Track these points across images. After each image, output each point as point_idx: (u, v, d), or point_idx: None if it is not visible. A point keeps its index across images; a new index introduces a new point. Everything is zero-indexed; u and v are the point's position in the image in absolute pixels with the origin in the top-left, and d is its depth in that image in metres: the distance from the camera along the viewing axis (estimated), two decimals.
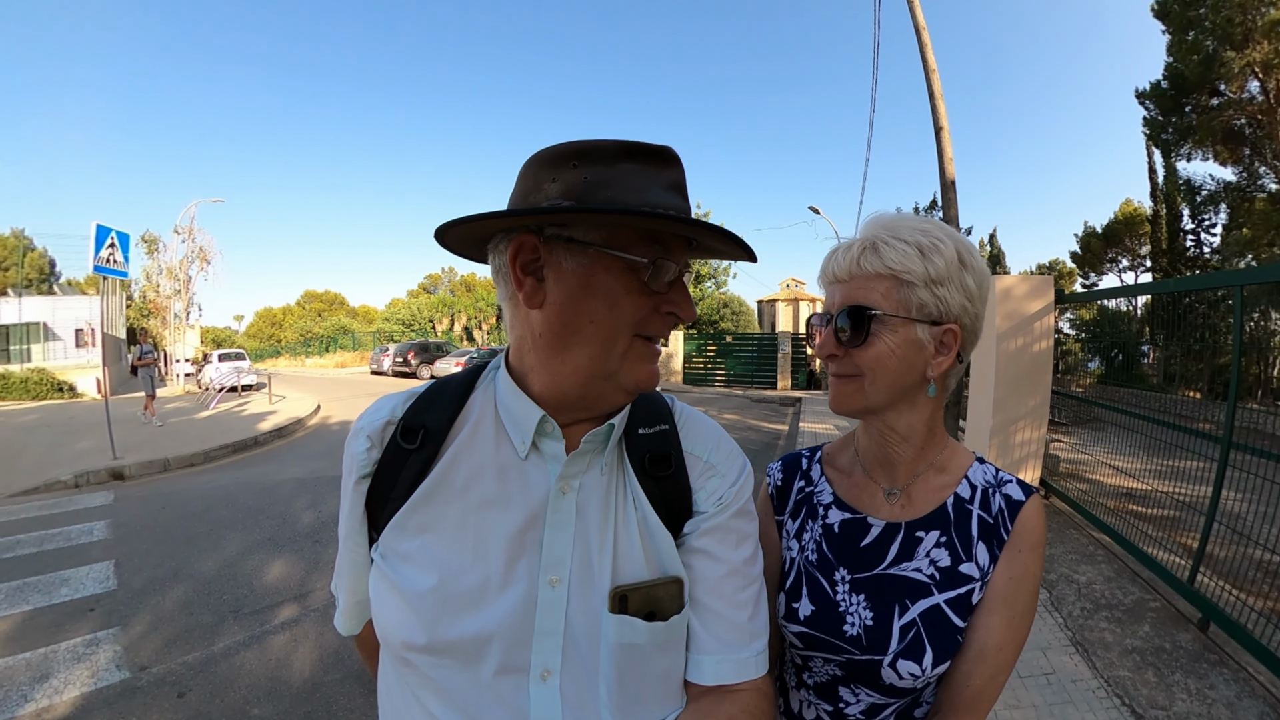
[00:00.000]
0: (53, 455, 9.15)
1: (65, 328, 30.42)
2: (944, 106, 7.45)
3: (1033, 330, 5.96)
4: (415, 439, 0.79)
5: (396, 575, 0.76)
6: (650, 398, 0.90)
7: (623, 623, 0.74)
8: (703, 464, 0.86)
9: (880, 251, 0.88)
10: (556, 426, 0.78)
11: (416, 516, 0.77)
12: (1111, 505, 5.06)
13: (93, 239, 8.76)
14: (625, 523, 0.80)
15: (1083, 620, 3.69)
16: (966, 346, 0.93)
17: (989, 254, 26.69)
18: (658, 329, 0.76)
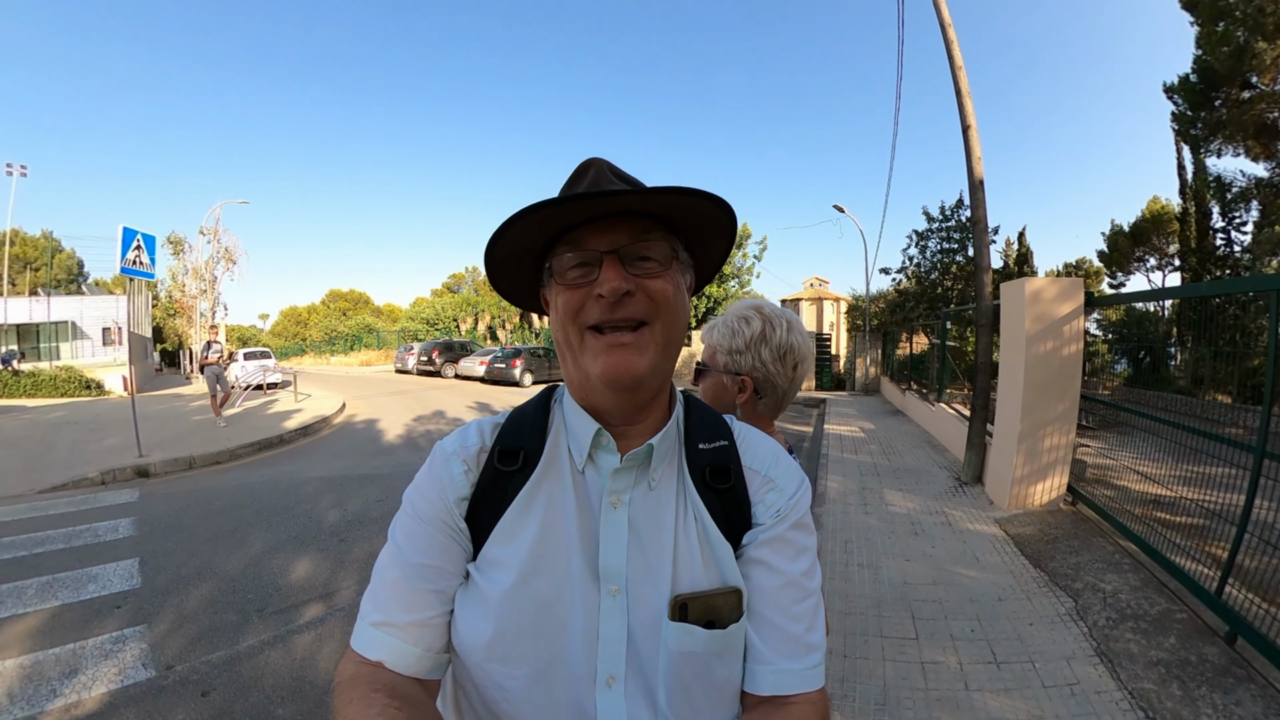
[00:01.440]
0: (80, 452, 9.25)
1: (93, 327, 31.07)
2: (971, 104, 7.31)
3: (1062, 334, 5.87)
4: (516, 461, 0.85)
5: (485, 580, 0.80)
6: (710, 417, 0.94)
7: (683, 630, 0.76)
8: (761, 478, 0.89)
9: (712, 331, 1.55)
10: (611, 439, 0.84)
11: (507, 526, 0.82)
12: (1138, 512, 4.94)
13: (119, 241, 8.85)
14: (685, 534, 0.82)
15: (1108, 630, 3.61)
16: (764, 390, 1.48)
17: (1017, 252, 26.19)
18: (595, 315, 0.78)
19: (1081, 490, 5.87)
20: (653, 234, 0.81)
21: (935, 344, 11.91)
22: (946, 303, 18.70)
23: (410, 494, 0.89)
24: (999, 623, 3.78)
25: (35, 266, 43.23)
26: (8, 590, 4.37)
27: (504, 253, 0.84)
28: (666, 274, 0.81)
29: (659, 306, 0.80)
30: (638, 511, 0.82)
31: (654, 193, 0.76)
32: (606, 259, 0.78)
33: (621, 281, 0.77)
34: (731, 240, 0.90)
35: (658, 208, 0.80)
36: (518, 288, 0.93)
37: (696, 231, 0.87)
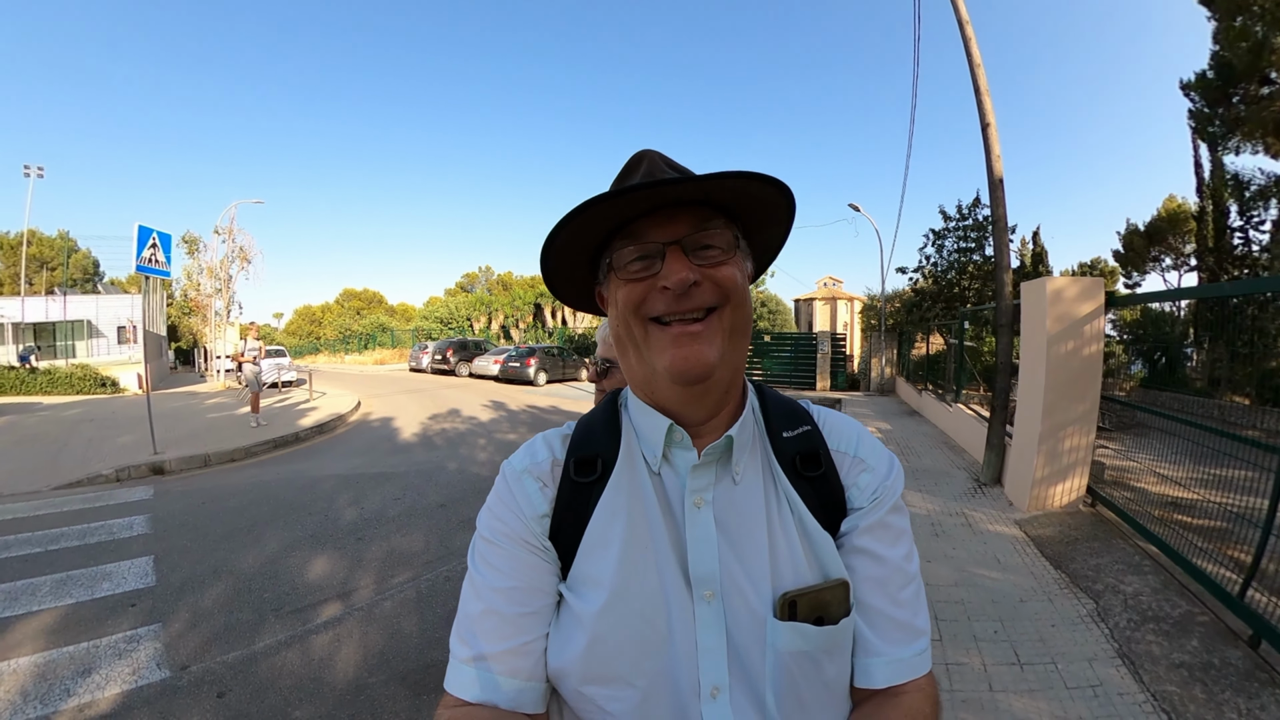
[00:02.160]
0: (95, 449, 9.30)
1: (108, 325, 31.48)
2: (990, 102, 7.23)
3: (1083, 334, 5.80)
4: (593, 470, 0.82)
5: (578, 599, 0.76)
6: (787, 403, 0.91)
7: (793, 630, 0.72)
8: (850, 459, 0.85)
9: None
10: (685, 434, 0.80)
11: (593, 540, 0.78)
12: (1157, 514, 4.89)
13: (135, 240, 8.90)
14: (782, 528, 0.78)
15: (1129, 632, 3.58)
16: None
17: (1032, 252, 25.94)
18: (660, 307, 0.75)
19: (1101, 492, 5.80)
20: (714, 222, 0.77)
21: (953, 344, 11.80)
22: (964, 302, 18.53)
23: (483, 520, 0.85)
24: (1021, 624, 3.76)
25: (52, 266, 43.63)
26: (22, 587, 4.38)
27: (559, 253, 0.81)
28: (732, 261, 0.77)
29: (727, 293, 0.76)
30: (724, 509, 0.78)
31: (712, 179, 0.72)
32: (669, 250, 0.75)
33: (688, 272, 0.73)
34: (789, 224, 0.85)
35: (716, 195, 0.76)
36: (571, 287, 0.90)
37: (755, 217, 0.83)
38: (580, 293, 0.91)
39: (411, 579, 4.58)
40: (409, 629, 3.76)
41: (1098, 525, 5.35)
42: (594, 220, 0.75)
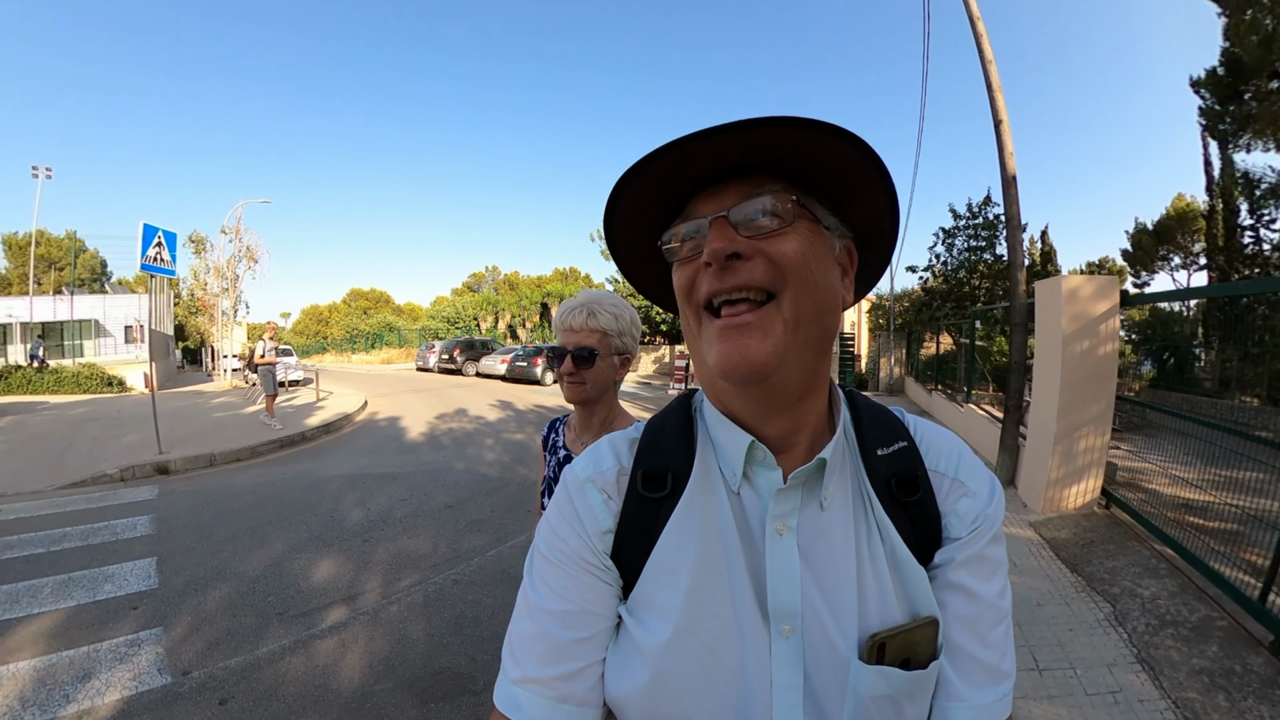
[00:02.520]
0: (100, 448, 9.27)
1: (115, 324, 31.71)
2: (1003, 99, 7.16)
3: (1098, 333, 5.72)
4: (664, 485, 0.75)
5: (640, 627, 0.70)
6: (881, 414, 0.80)
7: (879, 674, 0.65)
8: (949, 481, 0.75)
9: (598, 317, 1.67)
10: (768, 454, 0.70)
11: (661, 563, 0.72)
12: (1171, 516, 4.84)
13: (140, 238, 8.88)
14: (872, 560, 0.70)
15: (1148, 637, 3.53)
16: (629, 363, 1.77)
17: (1041, 251, 25.84)
18: (703, 288, 0.67)
19: (1115, 494, 5.73)
20: (768, 186, 0.65)
21: (963, 344, 11.72)
22: (974, 301, 18.45)
23: (542, 533, 0.79)
24: (1039, 628, 3.71)
25: (60, 266, 43.97)
26: (24, 589, 4.34)
27: (623, 248, 0.77)
28: (793, 232, 0.65)
29: (785, 272, 0.64)
30: (808, 537, 0.70)
31: (742, 129, 0.59)
32: (714, 223, 0.65)
33: (724, 242, 0.64)
34: (888, 192, 0.69)
35: (765, 155, 0.64)
36: (655, 287, 0.84)
37: (834, 184, 0.69)
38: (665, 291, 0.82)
39: (419, 582, 4.51)
40: (416, 634, 3.69)
41: (1113, 527, 5.29)
42: (637, 208, 0.70)
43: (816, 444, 0.73)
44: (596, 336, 1.66)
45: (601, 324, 1.66)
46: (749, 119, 0.58)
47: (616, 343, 1.68)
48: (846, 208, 0.71)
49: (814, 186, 0.69)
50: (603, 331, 1.66)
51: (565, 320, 1.68)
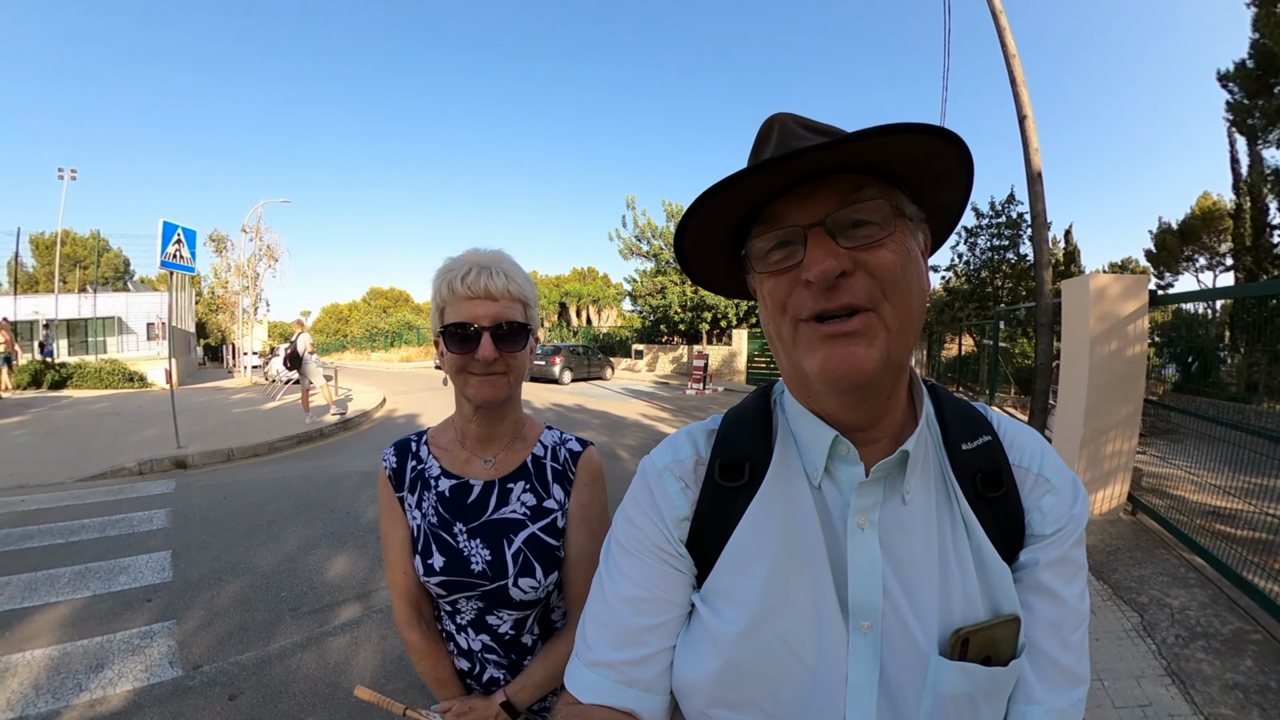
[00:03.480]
0: (120, 442, 9.34)
1: (138, 321, 32.19)
2: (1027, 94, 7.04)
3: (1126, 333, 5.56)
4: (741, 475, 0.75)
5: (714, 615, 0.71)
6: (964, 408, 0.80)
7: (960, 670, 0.64)
8: (1033, 478, 0.74)
9: (513, 279, 1.18)
10: (852, 449, 0.70)
11: (737, 553, 0.72)
12: (1199, 524, 4.71)
13: (159, 235, 8.92)
14: (957, 555, 0.69)
15: (1178, 649, 3.40)
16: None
17: (1064, 250, 25.50)
18: (809, 307, 0.64)
19: (1141, 500, 5.58)
20: (866, 190, 0.64)
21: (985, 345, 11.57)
22: (997, 302, 18.21)
23: (619, 521, 0.81)
24: None
25: (84, 265, 44.75)
26: (42, 578, 4.37)
27: (693, 246, 0.74)
28: (891, 240, 0.63)
29: (886, 286, 0.63)
30: (890, 531, 0.68)
31: (850, 141, 0.58)
32: (811, 234, 0.63)
33: (833, 260, 0.61)
34: (968, 182, 0.69)
35: (863, 158, 0.63)
36: (717, 280, 0.82)
37: (921, 178, 0.68)
38: (735, 284, 0.81)
39: None
40: None
41: (1140, 534, 5.14)
42: (717, 214, 0.67)
43: (899, 436, 0.73)
44: (519, 307, 1.20)
45: (522, 290, 1.20)
46: (863, 131, 0.57)
47: (532, 314, 1.24)
48: (927, 196, 0.71)
49: (902, 179, 0.68)
50: (523, 300, 1.21)
51: (475, 283, 1.16)
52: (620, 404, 16.18)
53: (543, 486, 1.27)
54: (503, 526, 1.23)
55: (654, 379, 26.33)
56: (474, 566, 1.21)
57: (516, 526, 1.23)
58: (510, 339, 1.17)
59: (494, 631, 1.25)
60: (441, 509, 1.26)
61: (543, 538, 1.23)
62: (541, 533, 1.23)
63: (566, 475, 1.29)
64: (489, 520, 1.24)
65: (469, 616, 1.26)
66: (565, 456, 1.31)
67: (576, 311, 43.76)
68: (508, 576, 1.20)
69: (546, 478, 1.28)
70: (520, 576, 1.20)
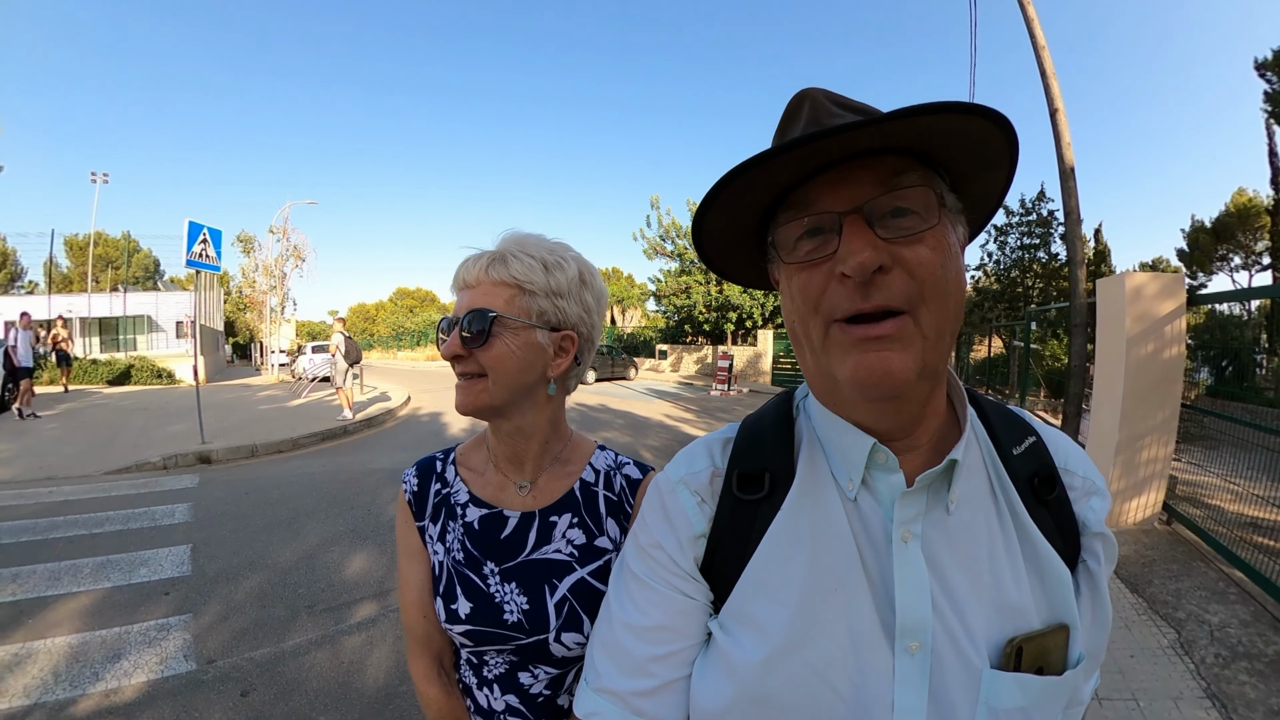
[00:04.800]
0: (146, 437, 9.48)
1: (167, 320, 32.97)
2: (1058, 86, 6.87)
3: (1163, 334, 5.37)
4: (761, 486, 0.70)
5: (732, 643, 0.65)
6: (1005, 411, 0.76)
7: (1016, 682, 0.60)
8: (1080, 480, 0.71)
9: (508, 263, 0.96)
10: (890, 456, 0.64)
11: (760, 574, 0.66)
12: (1237, 535, 4.53)
13: (185, 235, 9.05)
14: (1010, 563, 0.64)
15: (1218, 670, 3.23)
16: (584, 352, 1.05)
17: (1094, 250, 25.07)
18: (844, 305, 0.58)
19: (1178, 509, 5.40)
20: (907, 175, 0.58)
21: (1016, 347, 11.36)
22: (1027, 302, 17.92)
23: (629, 542, 0.77)
24: None
25: (116, 265, 45.71)
26: (66, 568, 4.43)
27: (712, 231, 0.69)
28: (932, 235, 0.58)
29: (925, 287, 0.57)
30: (934, 543, 0.63)
31: (895, 120, 0.53)
32: (847, 222, 0.57)
33: (872, 252, 0.56)
34: (1013, 167, 0.64)
35: (906, 140, 0.58)
36: (736, 267, 0.77)
37: (964, 165, 0.62)
38: (754, 271, 0.76)
39: None
40: None
41: (1175, 545, 4.96)
42: (740, 197, 0.62)
43: (940, 443, 0.68)
44: (504, 294, 0.97)
45: (515, 273, 0.97)
46: (904, 110, 0.52)
47: (543, 305, 0.98)
48: (968, 183, 0.66)
49: (943, 164, 0.63)
50: (515, 286, 0.97)
51: (461, 273, 1.02)
52: (644, 404, 16.13)
53: (594, 521, 1.05)
54: (544, 569, 1.02)
55: (678, 379, 26.26)
56: (508, 616, 1.00)
57: (561, 570, 1.02)
58: (475, 330, 0.95)
59: (524, 691, 1.04)
60: (469, 543, 1.05)
61: (593, 584, 1.01)
62: (592, 578, 1.01)
63: (623, 507, 1.06)
64: (527, 560, 1.03)
65: (497, 671, 1.05)
66: (622, 484, 1.08)
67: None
68: (549, 630, 0.98)
69: (599, 510, 1.06)
70: (564, 631, 0.98)
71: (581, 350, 1.05)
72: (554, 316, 0.99)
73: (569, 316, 1.01)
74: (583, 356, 1.06)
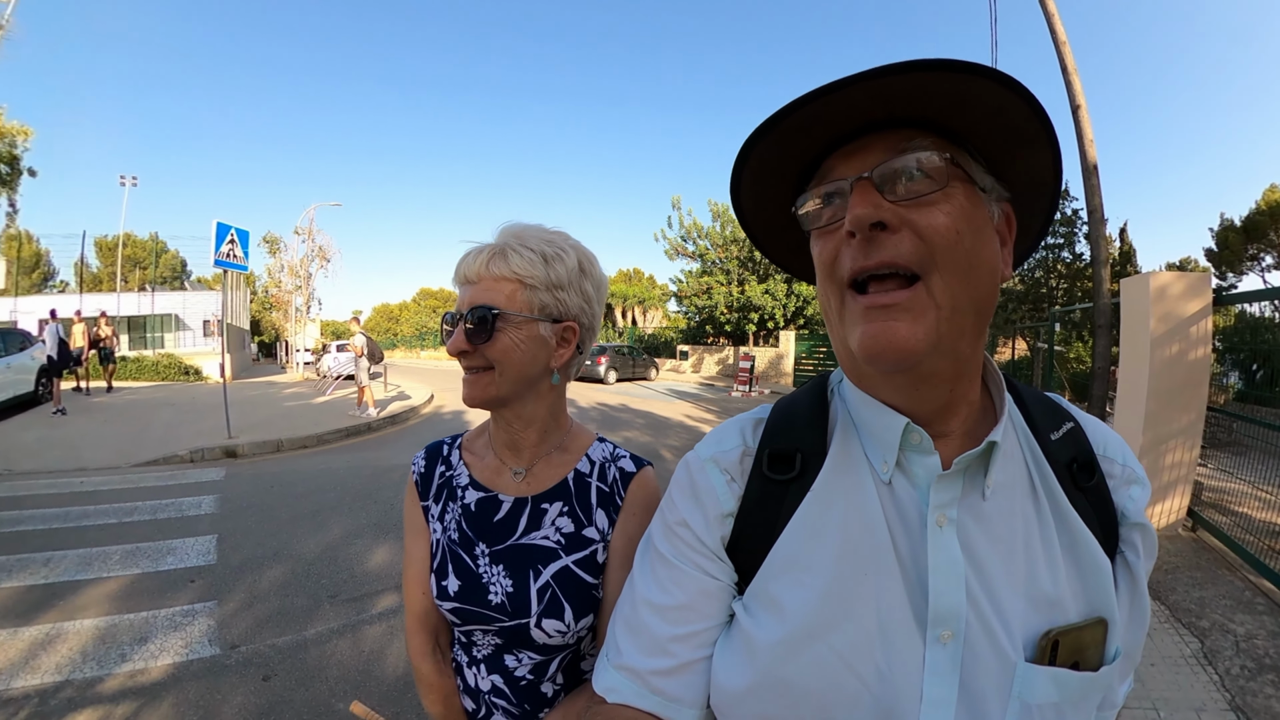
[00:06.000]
0: (174, 432, 9.65)
1: (194, 319, 33.58)
2: (1079, 82, 6.77)
3: (1189, 335, 5.26)
4: (792, 466, 0.68)
5: (755, 624, 0.64)
6: (1041, 396, 0.74)
7: (1051, 677, 0.58)
8: (1119, 468, 0.69)
9: (508, 257, 0.98)
10: (925, 437, 0.62)
11: (788, 555, 0.65)
12: (1266, 544, 4.43)
13: (213, 235, 9.19)
14: (1046, 551, 0.62)
15: (1244, 682, 3.15)
16: (585, 340, 1.08)
17: (1120, 250, 24.62)
18: (848, 263, 0.59)
19: (1203, 516, 5.28)
20: (917, 141, 0.58)
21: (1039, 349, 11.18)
22: (1051, 302, 17.64)
23: (656, 520, 0.76)
24: None
25: (144, 265, 46.59)
26: (96, 554, 4.58)
27: (754, 216, 0.71)
28: (945, 200, 0.57)
29: (935, 251, 0.56)
30: (969, 529, 0.62)
31: (882, 76, 0.53)
32: (856, 186, 0.57)
33: (869, 208, 0.56)
34: (1051, 145, 0.61)
35: (915, 107, 0.57)
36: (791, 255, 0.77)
37: (986, 135, 0.60)
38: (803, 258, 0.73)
39: None
40: None
41: (1200, 553, 4.88)
42: (768, 171, 0.64)
43: (975, 428, 0.66)
44: (505, 289, 0.99)
45: (515, 268, 0.99)
46: (891, 65, 0.52)
47: (544, 298, 1.01)
48: (1005, 165, 0.63)
49: (968, 141, 0.61)
50: (516, 281, 0.99)
51: (460, 269, 1.04)
52: (664, 404, 16.11)
53: (584, 511, 1.07)
54: (530, 554, 1.04)
55: (699, 380, 26.18)
56: (492, 597, 1.02)
57: (547, 556, 1.04)
58: (478, 327, 0.97)
59: (509, 674, 1.06)
60: (465, 524, 1.08)
61: (577, 573, 1.03)
62: (577, 567, 1.03)
63: (614, 499, 1.07)
64: (515, 545, 1.05)
65: (484, 652, 1.08)
66: (615, 476, 1.09)
67: (622, 312, 43.89)
68: (529, 615, 1.01)
69: (590, 500, 1.07)
70: (545, 617, 1.00)
71: (583, 339, 1.07)
72: (555, 309, 1.01)
73: (570, 308, 1.03)
74: (584, 346, 1.08)
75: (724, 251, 27.13)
